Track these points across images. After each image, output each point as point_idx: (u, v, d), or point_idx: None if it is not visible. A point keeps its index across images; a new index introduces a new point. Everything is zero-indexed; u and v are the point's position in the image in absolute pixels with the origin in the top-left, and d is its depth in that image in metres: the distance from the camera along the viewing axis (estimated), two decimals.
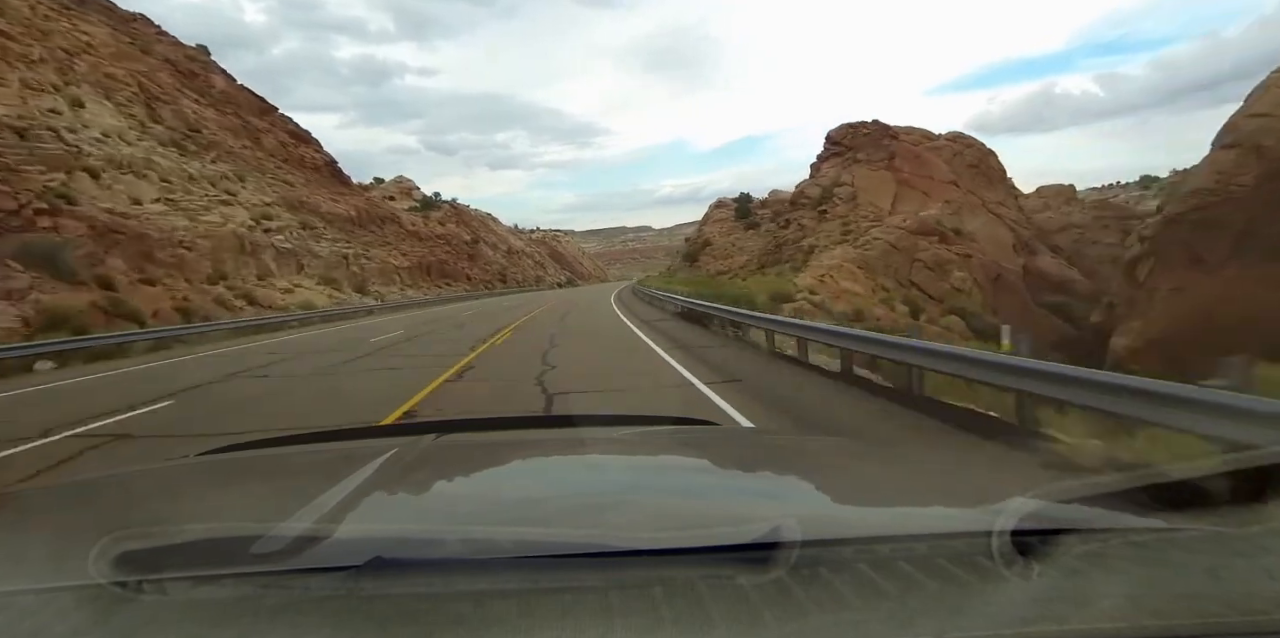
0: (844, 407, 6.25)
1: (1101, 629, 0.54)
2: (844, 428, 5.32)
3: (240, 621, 0.56)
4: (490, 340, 13.59)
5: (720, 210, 71.35)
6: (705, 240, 66.48)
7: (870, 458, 1.40)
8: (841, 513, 0.91)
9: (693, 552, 0.65)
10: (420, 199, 74.95)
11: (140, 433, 5.95)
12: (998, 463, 1.81)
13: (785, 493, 1.04)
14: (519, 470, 1.24)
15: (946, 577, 0.61)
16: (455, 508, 0.97)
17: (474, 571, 0.62)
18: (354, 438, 1.58)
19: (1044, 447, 4.32)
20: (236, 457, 1.47)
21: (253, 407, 7.38)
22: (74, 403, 7.80)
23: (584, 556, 0.65)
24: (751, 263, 49.08)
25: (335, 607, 0.58)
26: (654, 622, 0.54)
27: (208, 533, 0.74)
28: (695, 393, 6.91)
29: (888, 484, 1.10)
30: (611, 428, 1.68)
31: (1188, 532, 0.71)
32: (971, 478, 1.12)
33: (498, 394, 7.57)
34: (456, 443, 1.41)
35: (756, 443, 1.68)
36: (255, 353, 13.23)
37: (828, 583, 0.60)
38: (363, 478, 0.91)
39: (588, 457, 1.31)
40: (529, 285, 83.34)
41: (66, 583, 0.62)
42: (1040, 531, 0.66)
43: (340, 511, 0.77)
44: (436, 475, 1.17)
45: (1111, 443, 4.29)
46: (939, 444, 4.73)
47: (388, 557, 0.62)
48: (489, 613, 0.56)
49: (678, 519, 0.85)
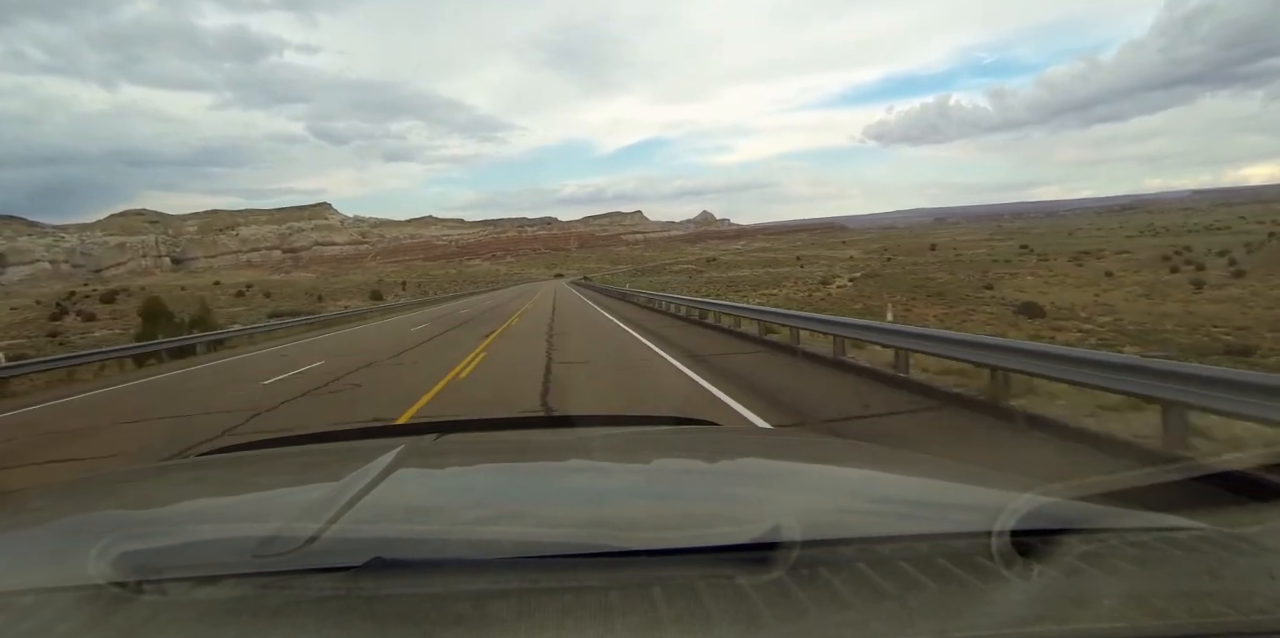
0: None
1: (1101, 629, 0.54)
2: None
3: (240, 621, 0.56)
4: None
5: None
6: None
7: (870, 458, 1.38)
8: (841, 513, 0.90)
9: (693, 552, 0.65)
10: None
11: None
12: (998, 463, 1.81)
13: (785, 493, 1.03)
14: (519, 471, 1.23)
15: (946, 577, 0.60)
16: (455, 508, 0.96)
17: (474, 571, 0.62)
18: (354, 438, 1.58)
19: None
20: (236, 457, 1.46)
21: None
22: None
23: (584, 556, 0.65)
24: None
25: (335, 607, 0.58)
26: (654, 622, 0.54)
27: (207, 533, 0.76)
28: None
29: (887, 484, 1.09)
30: (611, 428, 1.68)
31: (1188, 532, 0.71)
32: (971, 478, 1.12)
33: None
34: (457, 443, 1.41)
35: (756, 443, 1.67)
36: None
37: (828, 583, 0.60)
38: (363, 478, 0.91)
39: (588, 457, 1.30)
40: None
41: (66, 583, 0.62)
42: (1040, 531, 0.66)
43: (340, 511, 0.77)
44: (437, 476, 1.17)
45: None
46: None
47: (388, 557, 0.62)
48: (489, 613, 0.56)
49: (678, 519, 0.85)
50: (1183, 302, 41.41)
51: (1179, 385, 4.21)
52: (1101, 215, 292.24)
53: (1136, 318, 36.08)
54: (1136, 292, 47.36)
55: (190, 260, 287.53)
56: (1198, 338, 28.75)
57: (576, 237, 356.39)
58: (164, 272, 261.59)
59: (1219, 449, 4.10)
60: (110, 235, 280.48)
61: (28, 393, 12.12)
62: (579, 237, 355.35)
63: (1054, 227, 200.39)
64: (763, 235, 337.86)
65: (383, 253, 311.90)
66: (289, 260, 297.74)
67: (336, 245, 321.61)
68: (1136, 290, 47.89)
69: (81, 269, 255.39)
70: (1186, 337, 29.15)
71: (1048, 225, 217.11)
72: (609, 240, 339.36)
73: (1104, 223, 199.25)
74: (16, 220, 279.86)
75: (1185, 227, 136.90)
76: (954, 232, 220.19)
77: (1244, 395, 3.78)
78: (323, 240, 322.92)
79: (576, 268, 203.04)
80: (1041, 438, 5.04)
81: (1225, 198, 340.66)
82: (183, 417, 8.03)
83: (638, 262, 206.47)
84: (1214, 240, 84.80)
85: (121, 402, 9.98)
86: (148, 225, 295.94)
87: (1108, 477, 0.90)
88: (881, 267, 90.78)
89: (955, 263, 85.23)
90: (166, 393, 10.47)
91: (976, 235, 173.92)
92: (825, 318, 10.30)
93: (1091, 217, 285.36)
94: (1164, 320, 34.62)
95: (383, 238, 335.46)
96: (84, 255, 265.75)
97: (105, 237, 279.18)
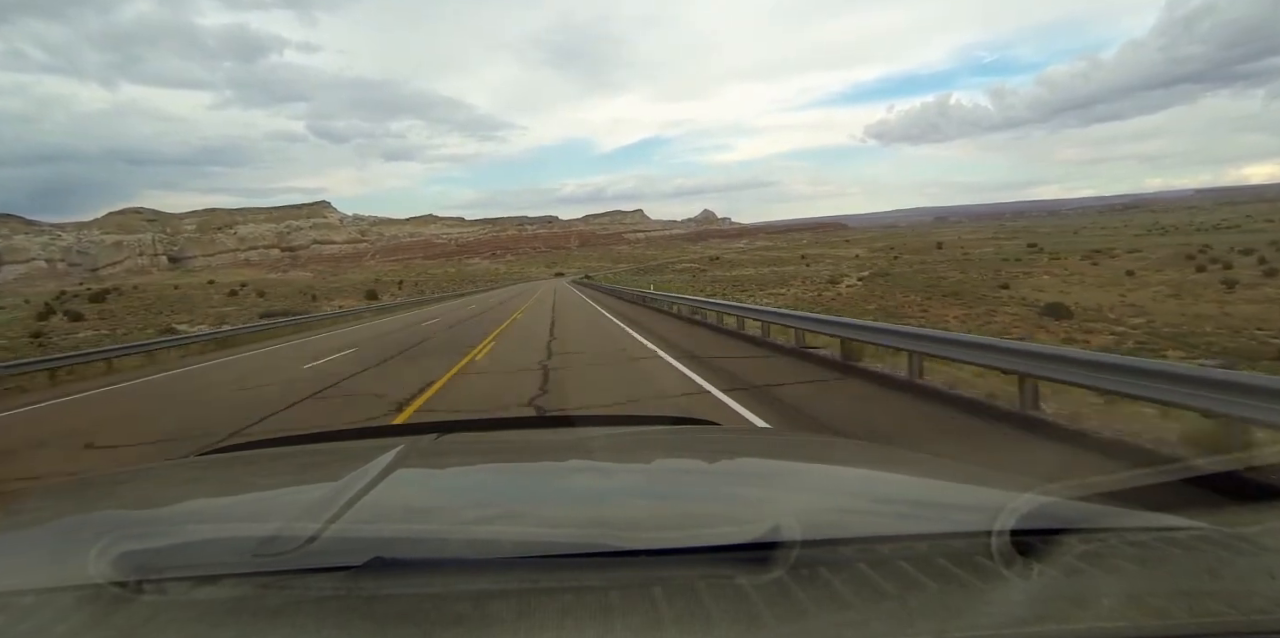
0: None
1: (1101, 629, 0.54)
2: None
3: (240, 621, 0.56)
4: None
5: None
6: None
7: (870, 458, 1.39)
8: (841, 513, 0.90)
9: (693, 552, 0.65)
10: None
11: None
12: (998, 463, 1.73)
13: (785, 493, 1.03)
14: (519, 471, 1.23)
15: (946, 577, 0.61)
16: (455, 508, 0.97)
17: (474, 571, 0.63)
18: (354, 438, 1.59)
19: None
20: (236, 457, 1.47)
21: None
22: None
23: (584, 555, 0.65)
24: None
25: (335, 607, 0.58)
26: (654, 622, 0.54)
27: (207, 533, 0.76)
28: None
29: (887, 484, 1.09)
30: (611, 428, 1.69)
31: (1188, 532, 0.71)
32: (971, 478, 1.12)
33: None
34: (457, 443, 1.41)
35: (756, 443, 1.67)
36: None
37: (828, 583, 0.60)
38: (363, 478, 0.91)
39: (588, 457, 1.30)
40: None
41: (66, 583, 0.62)
42: (1040, 530, 0.66)
43: (340, 511, 0.77)
44: (437, 476, 1.17)
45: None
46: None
47: (388, 557, 0.62)
48: (489, 613, 0.56)
49: (678, 519, 0.86)
50: (1216, 302, 39.85)
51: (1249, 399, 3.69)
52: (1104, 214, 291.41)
53: (1170, 319, 34.50)
54: (1164, 292, 45.76)
55: (188, 259, 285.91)
56: (1242, 341, 27.35)
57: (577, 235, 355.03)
58: (161, 270, 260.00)
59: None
60: (107, 234, 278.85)
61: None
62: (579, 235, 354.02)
63: (1058, 225, 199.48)
64: (764, 234, 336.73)
65: (382, 251, 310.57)
66: (287, 259, 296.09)
67: (335, 244, 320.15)
68: (1163, 290, 46.29)
69: (78, 268, 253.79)
70: (1230, 340, 27.71)
71: (1051, 224, 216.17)
72: (610, 239, 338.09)
73: (1107, 222, 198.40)
74: (14, 219, 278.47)
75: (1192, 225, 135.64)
76: (957, 230, 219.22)
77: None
78: (321, 239, 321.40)
79: (578, 266, 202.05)
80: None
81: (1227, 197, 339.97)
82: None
83: (639, 260, 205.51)
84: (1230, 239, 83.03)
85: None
86: (145, 224, 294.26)
87: (1108, 477, 0.89)
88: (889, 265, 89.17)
89: (965, 262, 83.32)
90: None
91: (981, 234, 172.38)
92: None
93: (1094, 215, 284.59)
94: (1201, 322, 33.03)
95: (382, 236, 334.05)
96: (80, 254, 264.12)
97: (102, 235, 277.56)
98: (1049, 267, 70.24)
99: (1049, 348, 5.81)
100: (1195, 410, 4.13)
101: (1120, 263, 68.09)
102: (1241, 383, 3.79)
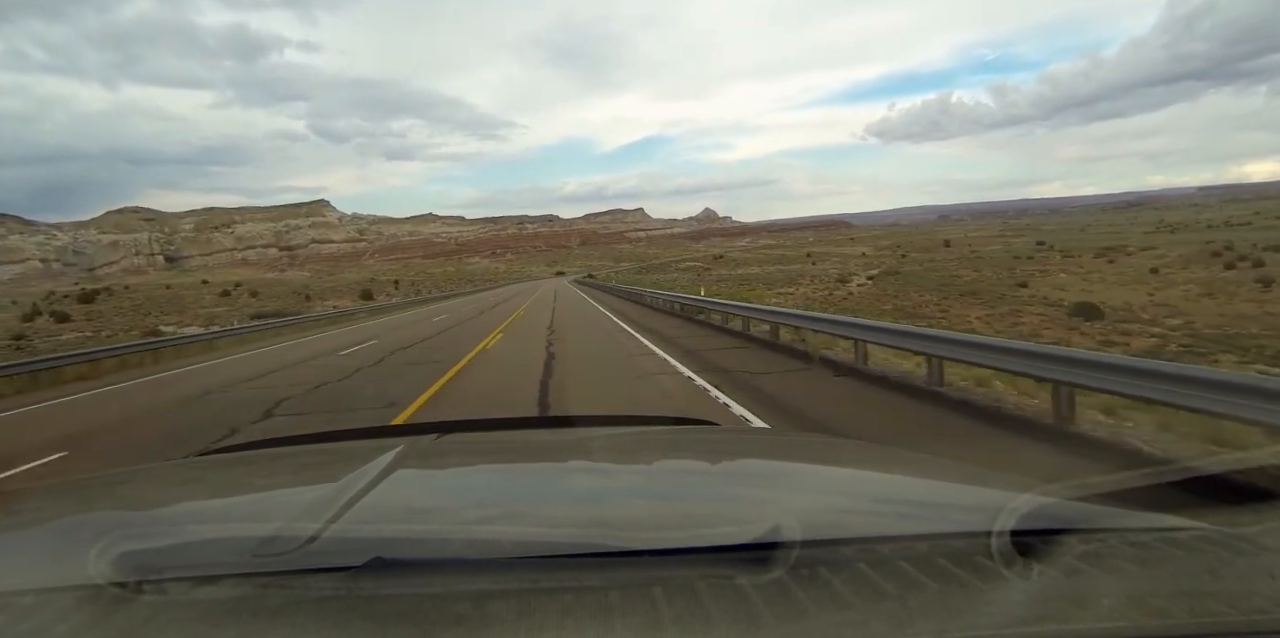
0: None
1: (1101, 629, 0.54)
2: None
3: (240, 621, 0.56)
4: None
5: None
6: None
7: (870, 458, 1.39)
8: (841, 513, 0.90)
9: (693, 552, 0.65)
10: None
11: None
12: (998, 463, 1.79)
13: (785, 493, 1.03)
14: (519, 471, 1.23)
15: (946, 577, 0.61)
16: (455, 508, 0.97)
17: (474, 571, 0.63)
18: (354, 438, 1.59)
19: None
20: (236, 457, 1.47)
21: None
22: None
23: (584, 556, 0.65)
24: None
25: (335, 607, 0.58)
26: (654, 622, 0.55)
27: (207, 533, 0.76)
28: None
29: (887, 484, 1.09)
30: (611, 428, 1.68)
31: (1188, 532, 0.71)
32: (971, 478, 1.13)
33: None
34: (457, 443, 1.41)
35: (756, 443, 1.67)
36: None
37: (828, 583, 0.60)
38: (363, 478, 0.91)
39: (587, 457, 1.31)
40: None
41: (66, 583, 0.62)
42: (1040, 531, 0.66)
43: (340, 511, 0.77)
44: (437, 476, 1.17)
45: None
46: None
47: (388, 557, 0.62)
48: (489, 613, 0.56)
49: (678, 519, 0.86)
50: (1254, 301, 37.83)
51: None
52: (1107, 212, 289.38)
53: (1209, 320, 32.55)
54: (1194, 290, 43.64)
55: (184, 259, 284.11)
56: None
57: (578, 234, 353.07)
58: (157, 270, 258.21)
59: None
60: (104, 234, 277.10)
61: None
62: (581, 234, 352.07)
63: (1062, 223, 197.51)
64: (767, 232, 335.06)
65: (381, 251, 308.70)
66: (285, 258, 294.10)
67: (334, 243, 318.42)
68: (1193, 289, 44.15)
69: (74, 268, 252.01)
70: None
71: (1056, 222, 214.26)
72: (611, 238, 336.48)
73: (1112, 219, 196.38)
74: (10, 218, 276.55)
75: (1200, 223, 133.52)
76: (962, 228, 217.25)
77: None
78: (320, 238, 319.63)
79: (579, 265, 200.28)
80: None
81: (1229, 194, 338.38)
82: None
83: (641, 259, 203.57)
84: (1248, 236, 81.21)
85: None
86: (143, 223, 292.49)
87: (1108, 477, 0.89)
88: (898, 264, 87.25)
89: (975, 260, 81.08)
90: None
91: (986, 232, 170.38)
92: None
93: (1097, 213, 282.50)
94: (1243, 323, 31.05)
95: (381, 235, 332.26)
96: (76, 254, 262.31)
97: (99, 235, 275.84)
98: (1064, 265, 68.40)
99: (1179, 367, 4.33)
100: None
101: (1138, 260, 66.32)
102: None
